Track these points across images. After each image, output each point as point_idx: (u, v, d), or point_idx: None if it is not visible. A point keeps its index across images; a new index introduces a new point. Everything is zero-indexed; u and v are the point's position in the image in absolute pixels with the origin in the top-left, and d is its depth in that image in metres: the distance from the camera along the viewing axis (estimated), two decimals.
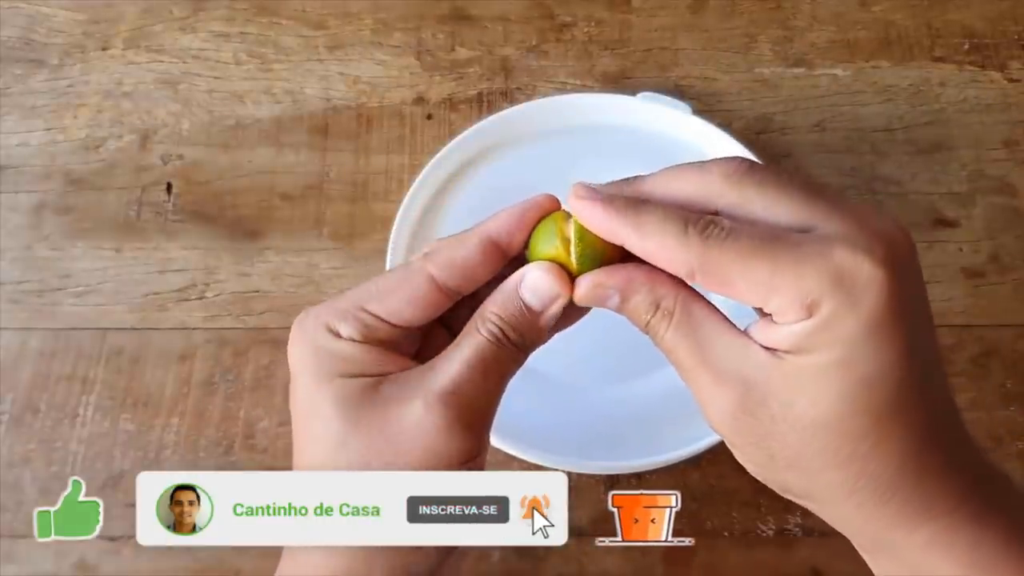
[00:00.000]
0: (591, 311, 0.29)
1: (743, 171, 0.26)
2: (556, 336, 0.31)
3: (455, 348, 0.27)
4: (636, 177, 0.27)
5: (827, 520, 0.27)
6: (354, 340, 0.27)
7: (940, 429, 0.25)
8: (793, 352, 0.24)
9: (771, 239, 0.24)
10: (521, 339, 0.27)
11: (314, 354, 0.27)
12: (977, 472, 0.26)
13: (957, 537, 0.25)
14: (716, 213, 0.26)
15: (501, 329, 0.27)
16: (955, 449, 0.26)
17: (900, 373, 0.24)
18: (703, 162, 0.26)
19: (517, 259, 0.28)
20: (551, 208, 0.28)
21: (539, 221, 0.28)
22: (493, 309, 0.27)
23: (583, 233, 0.27)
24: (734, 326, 0.26)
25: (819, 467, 0.25)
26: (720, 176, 0.26)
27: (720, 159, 0.26)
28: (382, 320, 0.27)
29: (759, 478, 0.27)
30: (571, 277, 0.27)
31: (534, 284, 0.27)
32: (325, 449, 0.26)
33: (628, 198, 0.26)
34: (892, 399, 0.24)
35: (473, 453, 0.26)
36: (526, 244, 0.28)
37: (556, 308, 0.27)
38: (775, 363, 0.25)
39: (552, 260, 0.27)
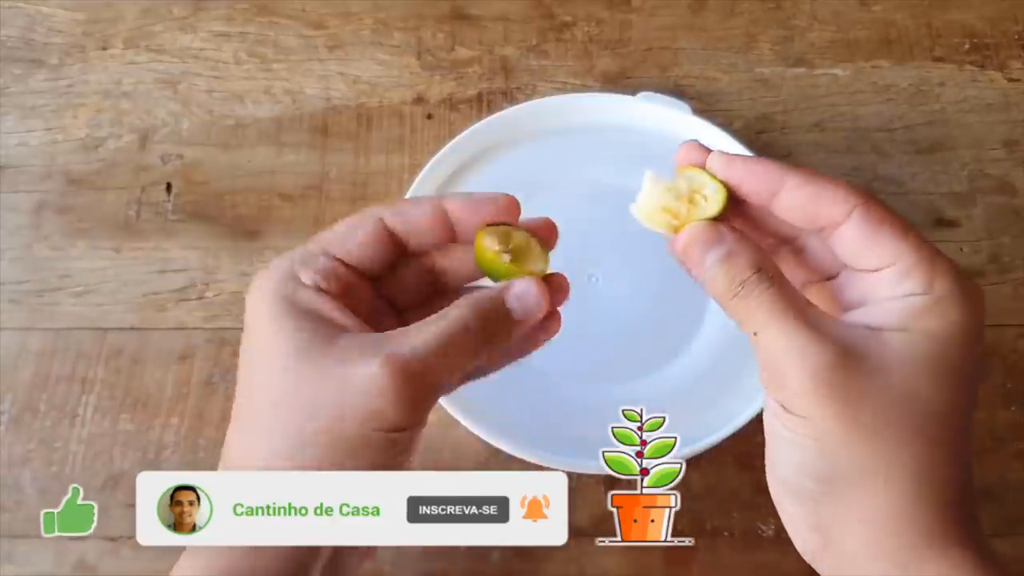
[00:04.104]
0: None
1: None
2: (557, 336, 0.31)
3: (425, 323, 0.28)
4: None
5: (848, 522, 0.27)
6: (317, 288, 0.28)
7: (969, 463, 0.27)
8: (897, 329, 0.26)
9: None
10: (489, 337, 0.28)
11: (275, 301, 0.28)
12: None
13: (988, 568, 0.26)
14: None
15: (477, 320, 0.28)
16: (971, 494, 0.27)
17: (974, 376, 0.26)
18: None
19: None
20: (510, 211, 0.30)
21: (487, 225, 0.30)
22: (472, 303, 0.28)
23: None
24: None
25: (895, 437, 0.26)
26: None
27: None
28: (339, 261, 0.29)
29: (803, 456, 0.27)
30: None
31: (522, 293, 0.29)
32: (275, 395, 0.27)
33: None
34: (964, 398, 0.26)
35: (406, 425, 0.27)
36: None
37: (534, 320, 0.29)
38: (875, 335, 0.26)
39: (495, 259, 0.29)
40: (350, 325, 0.28)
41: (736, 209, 0.30)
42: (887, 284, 0.27)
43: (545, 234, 0.31)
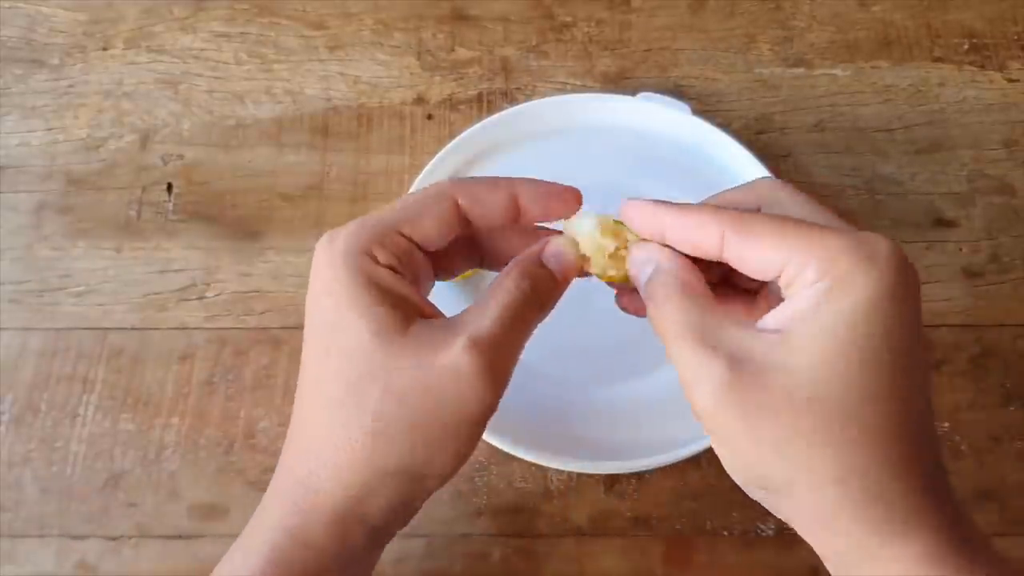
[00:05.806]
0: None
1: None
2: (557, 335, 0.32)
3: (485, 302, 0.28)
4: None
5: (802, 525, 0.27)
6: (392, 269, 0.28)
7: (925, 447, 0.25)
8: (802, 321, 0.24)
9: (798, 219, 0.27)
10: (542, 302, 0.30)
11: (352, 278, 0.27)
12: (954, 503, 0.26)
13: (947, 559, 0.24)
14: None
15: (531, 289, 0.29)
16: (937, 474, 0.26)
17: (899, 359, 0.24)
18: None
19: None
20: (575, 204, 0.31)
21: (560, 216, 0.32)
22: (520, 269, 0.29)
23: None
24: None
25: (806, 447, 0.24)
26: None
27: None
28: (415, 244, 0.29)
29: (734, 472, 0.27)
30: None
31: (556, 252, 0.30)
32: (354, 378, 0.27)
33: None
34: (887, 383, 0.24)
35: (492, 408, 0.28)
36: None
37: (571, 276, 0.30)
38: (779, 338, 0.25)
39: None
40: (426, 309, 0.29)
41: None
42: (797, 283, 0.25)
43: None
